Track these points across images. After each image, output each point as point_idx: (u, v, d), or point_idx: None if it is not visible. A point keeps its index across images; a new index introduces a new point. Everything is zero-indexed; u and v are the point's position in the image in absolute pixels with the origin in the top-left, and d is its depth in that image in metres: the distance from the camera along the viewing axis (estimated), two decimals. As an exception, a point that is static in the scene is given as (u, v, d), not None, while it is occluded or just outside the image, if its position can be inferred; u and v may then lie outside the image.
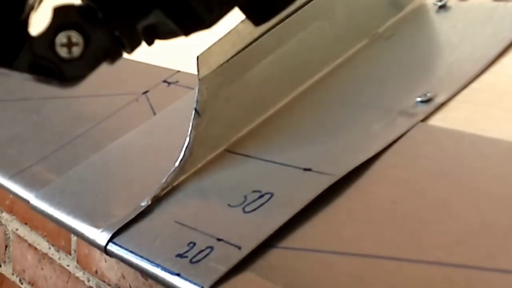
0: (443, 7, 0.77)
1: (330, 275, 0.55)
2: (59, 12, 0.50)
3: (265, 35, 0.74)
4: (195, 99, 0.70)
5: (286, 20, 0.75)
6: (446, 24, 0.76)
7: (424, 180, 0.60)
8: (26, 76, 0.52)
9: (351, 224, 0.59)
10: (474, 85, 0.67)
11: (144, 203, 0.69)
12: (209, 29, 0.52)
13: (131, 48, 0.52)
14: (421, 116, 0.65)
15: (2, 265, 1.35)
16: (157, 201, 0.69)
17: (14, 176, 0.83)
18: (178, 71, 0.91)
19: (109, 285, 1.04)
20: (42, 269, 1.21)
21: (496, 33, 0.71)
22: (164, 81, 0.90)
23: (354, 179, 0.62)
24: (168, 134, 0.80)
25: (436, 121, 0.65)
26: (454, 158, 0.61)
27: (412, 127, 0.65)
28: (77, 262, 1.12)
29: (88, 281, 1.09)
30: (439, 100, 0.66)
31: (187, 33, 0.52)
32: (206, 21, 0.52)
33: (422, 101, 0.67)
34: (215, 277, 0.58)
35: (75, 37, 0.50)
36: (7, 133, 0.94)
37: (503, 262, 0.50)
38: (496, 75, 0.67)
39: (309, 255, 0.57)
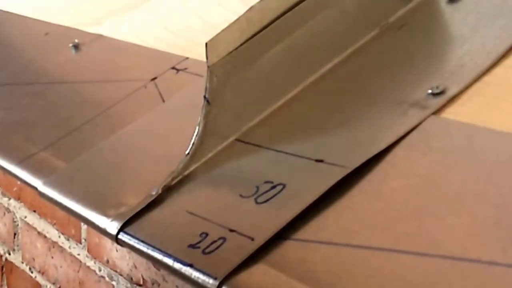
0: (453, -1, 0.78)
1: (344, 268, 0.55)
2: None
3: (274, 23, 0.73)
4: (205, 86, 0.70)
5: (295, 8, 0.75)
6: (457, 16, 0.76)
7: (437, 174, 0.60)
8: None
9: (364, 217, 0.59)
10: (485, 78, 0.67)
11: (154, 192, 0.69)
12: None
13: None
14: (433, 109, 0.66)
15: (11, 253, 1.35)
16: (168, 190, 0.69)
17: (21, 162, 0.83)
18: (187, 58, 0.91)
19: (121, 275, 1.04)
20: (52, 257, 1.21)
21: (507, 26, 0.71)
22: (173, 68, 0.90)
23: (367, 171, 0.62)
24: (178, 122, 0.80)
25: (448, 114, 0.65)
26: (467, 151, 0.61)
27: (424, 119, 0.65)
28: (88, 251, 1.12)
29: (100, 270, 1.09)
30: (450, 93, 0.67)
31: None
32: None
33: (433, 94, 0.67)
34: (228, 268, 0.58)
35: None
36: (13, 118, 0.94)
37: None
38: (508, 68, 0.67)
39: (323, 248, 0.58)
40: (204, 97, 0.70)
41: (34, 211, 1.25)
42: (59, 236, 1.19)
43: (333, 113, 0.71)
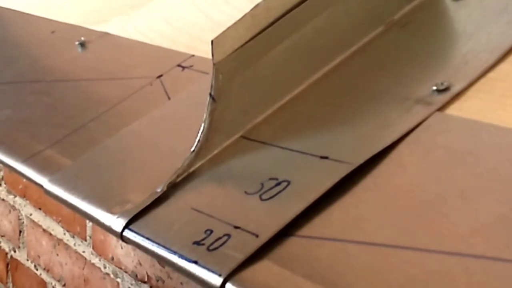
0: (458, -5, 0.78)
1: (348, 264, 0.55)
2: None
3: (279, 21, 0.73)
4: (210, 84, 0.70)
5: (301, 6, 0.75)
6: (462, 13, 0.76)
7: (441, 170, 0.60)
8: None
9: (369, 213, 0.59)
10: (490, 75, 0.67)
11: (159, 189, 0.69)
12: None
13: None
14: (438, 105, 0.66)
15: (17, 250, 1.35)
16: (173, 187, 0.69)
17: (27, 160, 0.83)
18: (193, 55, 0.91)
19: (125, 272, 1.04)
20: (58, 255, 1.22)
21: (512, 22, 0.71)
22: (179, 65, 0.90)
23: (371, 168, 0.62)
24: (183, 119, 0.80)
25: (453, 110, 0.65)
26: (471, 148, 0.61)
27: (429, 116, 0.65)
28: (93, 248, 1.12)
29: (104, 267, 1.09)
30: (455, 89, 0.67)
31: None
32: None
33: (438, 90, 0.67)
34: (232, 265, 0.58)
35: None
36: (18, 116, 0.94)
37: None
38: (513, 65, 0.68)
39: (327, 244, 0.58)
40: (210, 94, 0.70)
41: (40, 208, 1.26)
42: (64, 234, 1.20)
43: (338, 110, 0.72)
